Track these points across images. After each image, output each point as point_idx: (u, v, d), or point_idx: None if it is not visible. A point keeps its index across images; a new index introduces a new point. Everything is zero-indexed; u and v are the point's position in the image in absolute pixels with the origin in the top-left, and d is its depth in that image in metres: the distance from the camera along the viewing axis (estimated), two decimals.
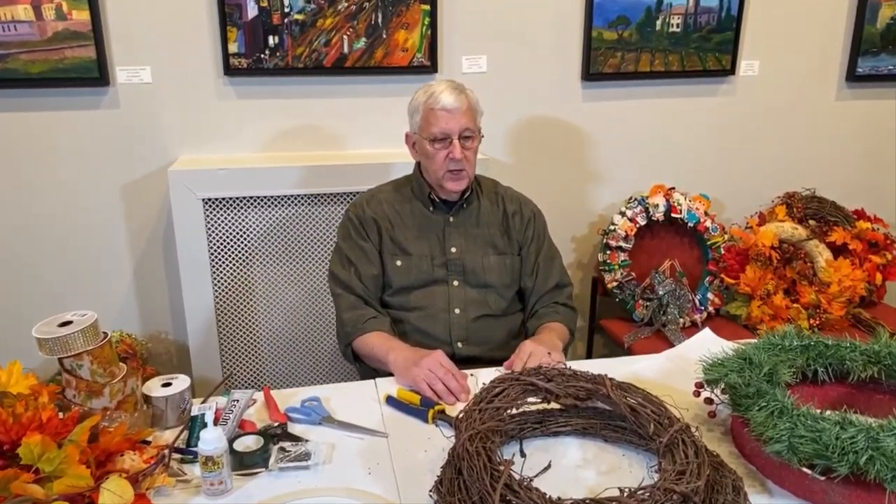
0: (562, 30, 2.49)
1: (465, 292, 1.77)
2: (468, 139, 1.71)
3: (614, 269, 2.55)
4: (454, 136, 1.68)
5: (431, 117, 1.70)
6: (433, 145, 1.70)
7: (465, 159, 1.70)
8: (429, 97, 1.70)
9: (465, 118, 1.69)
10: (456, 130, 1.69)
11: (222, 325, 2.35)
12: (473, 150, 1.73)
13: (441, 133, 1.69)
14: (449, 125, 1.68)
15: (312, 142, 2.43)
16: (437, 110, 1.69)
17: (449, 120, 1.68)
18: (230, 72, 2.30)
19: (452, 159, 1.68)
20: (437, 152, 1.70)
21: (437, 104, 1.69)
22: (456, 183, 1.72)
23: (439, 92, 1.70)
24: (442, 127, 1.69)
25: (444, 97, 1.69)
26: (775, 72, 2.69)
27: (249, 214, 2.29)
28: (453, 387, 1.44)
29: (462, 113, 1.69)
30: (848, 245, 2.66)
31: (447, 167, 1.70)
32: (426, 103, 1.71)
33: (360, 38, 2.34)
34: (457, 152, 1.68)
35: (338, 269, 1.78)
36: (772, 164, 2.80)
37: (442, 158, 1.70)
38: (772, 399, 1.17)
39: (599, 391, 1.25)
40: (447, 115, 1.68)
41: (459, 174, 1.71)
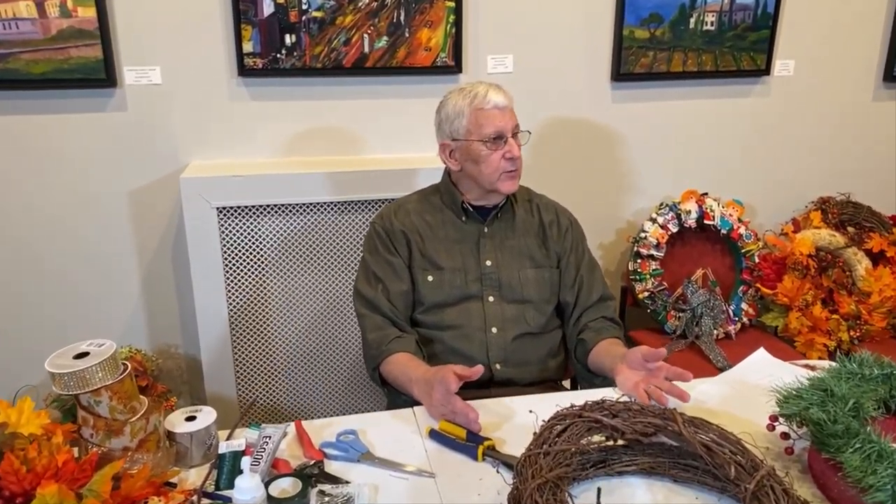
0: (591, 28, 2.38)
1: (501, 309, 1.66)
2: (517, 136, 1.63)
3: (645, 279, 2.44)
4: (508, 134, 1.60)
5: (482, 118, 1.60)
6: (487, 146, 1.60)
7: (519, 159, 1.62)
8: (473, 98, 1.61)
9: (513, 115, 1.63)
10: (509, 128, 1.61)
11: (237, 340, 2.23)
12: (522, 151, 1.65)
13: (496, 132, 1.60)
14: (503, 123, 1.60)
15: (331, 146, 2.31)
16: (489, 110, 1.60)
17: (502, 118, 1.60)
18: (244, 72, 2.17)
19: (511, 158, 1.60)
20: (492, 153, 1.60)
21: (486, 104, 1.60)
22: (511, 183, 1.63)
23: (483, 92, 1.61)
24: (497, 125, 1.59)
25: (493, 96, 1.60)
26: (811, 72, 2.58)
27: (266, 223, 2.17)
28: (472, 416, 1.31)
29: (510, 110, 1.63)
30: (885, 252, 2.55)
31: (503, 168, 1.61)
32: (473, 104, 1.61)
33: (381, 37, 2.22)
34: (515, 149, 1.60)
35: (364, 286, 1.66)
36: (806, 168, 2.70)
37: (498, 159, 1.60)
38: (866, 440, 1.06)
39: (669, 427, 1.14)
40: (500, 114, 1.60)
41: (515, 174, 1.63)
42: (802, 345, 2.37)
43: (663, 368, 1.39)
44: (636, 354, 1.42)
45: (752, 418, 1.32)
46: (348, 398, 2.38)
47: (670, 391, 1.34)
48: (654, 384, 1.36)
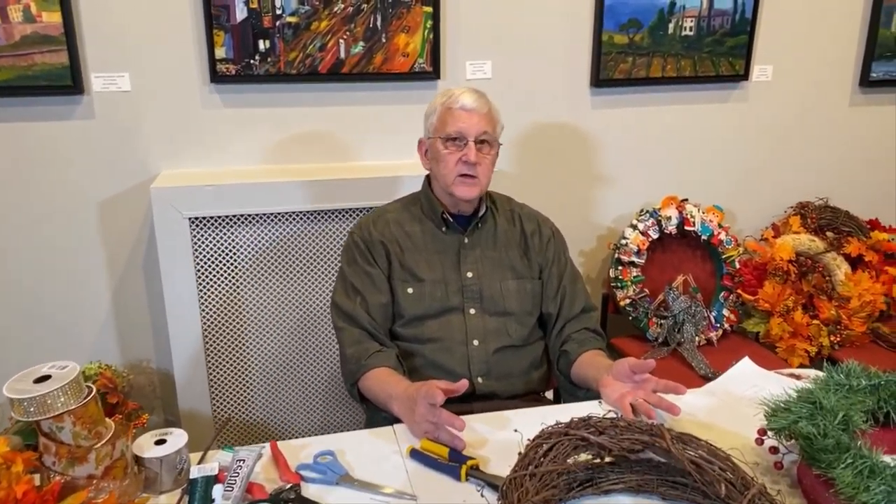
0: (570, 33, 2.35)
1: (483, 321, 1.62)
2: (485, 145, 1.58)
3: (627, 286, 2.41)
4: (470, 138, 1.56)
5: (448, 116, 1.58)
6: (446, 145, 1.57)
7: (479, 166, 1.56)
8: (447, 98, 1.59)
9: (483, 122, 1.57)
10: (473, 132, 1.56)
11: (211, 354, 2.17)
12: (490, 159, 1.60)
13: (456, 132, 1.56)
14: (466, 125, 1.56)
15: (308, 154, 2.26)
16: (455, 109, 1.57)
17: (466, 120, 1.56)
18: (217, 79, 2.12)
19: (465, 162, 1.55)
20: (449, 153, 1.57)
21: (455, 103, 1.57)
22: (466, 189, 1.58)
23: (458, 93, 1.59)
24: (458, 126, 1.56)
25: (465, 97, 1.58)
26: (788, 77, 2.58)
27: (240, 234, 2.11)
28: (444, 439, 1.26)
29: (481, 116, 1.57)
30: (864, 257, 2.56)
31: (458, 171, 1.57)
32: (444, 103, 1.59)
33: (357, 43, 2.17)
34: (470, 154, 1.55)
35: (342, 298, 1.62)
36: (784, 173, 2.70)
37: (454, 161, 1.57)
38: (858, 455, 1.03)
39: (657, 444, 1.11)
40: (465, 115, 1.56)
41: (472, 180, 1.57)
42: (784, 351, 2.37)
43: (651, 381, 1.36)
44: (623, 366, 1.39)
45: (739, 431, 1.30)
46: (326, 413, 2.33)
47: (658, 404, 1.31)
48: (642, 397, 1.33)
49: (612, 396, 1.39)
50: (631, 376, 1.38)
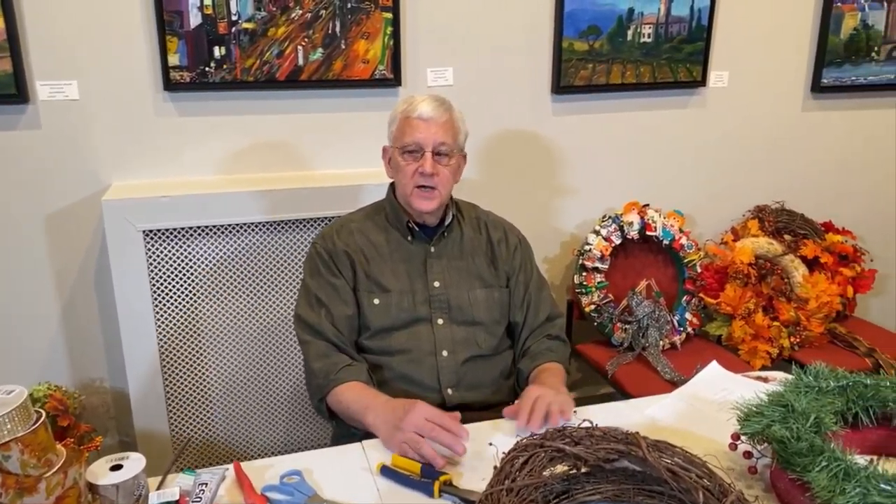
0: (531, 40, 2.35)
1: (451, 331, 1.59)
2: (444, 156, 1.54)
3: (591, 292, 2.41)
4: (427, 149, 1.52)
5: (406, 126, 1.54)
6: (404, 157, 1.54)
7: (437, 176, 1.53)
8: (407, 105, 1.55)
9: (441, 131, 1.53)
10: (430, 143, 1.52)
11: (168, 372, 2.09)
12: (450, 170, 1.56)
13: (413, 143, 1.53)
14: (422, 135, 1.52)
15: (266, 163, 2.21)
16: (413, 119, 1.53)
17: (423, 130, 1.52)
18: (171, 86, 2.05)
19: (422, 173, 1.51)
20: (406, 165, 1.54)
21: (413, 112, 1.53)
22: (424, 202, 1.54)
23: (419, 101, 1.55)
24: (415, 137, 1.52)
25: (423, 106, 1.53)
26: (744, 83, 2.62)
27: (197, 246, 2.04)
28: (446, 442, 1.25)
29: (439, 125, 1.53)
30: (819, 259, 2.61)
31: (415, 182, 1.53)
32: (403, 111, 1.55)
33: (316, 49, 2.13)
34: (427, 165, 1.51)
35: (305, 311, 1.57)
36: (742, 177, 2.74)
37: (411, 172, 1.53)
38: (832, 458, 1.03)
39: (633, 453, 1.10)
40: (422, 125, 1.52)
41: (429, 192, 1.54)
42: (746, 353, 2.39)
43: (536, 419, 1.34)
44: (514, 409, 1.39)
45: (713, 436, 1.30)
46: (291, 430, 2.27)
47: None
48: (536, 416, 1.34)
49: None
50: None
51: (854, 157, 2.84)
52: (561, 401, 1.35)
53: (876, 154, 2.86)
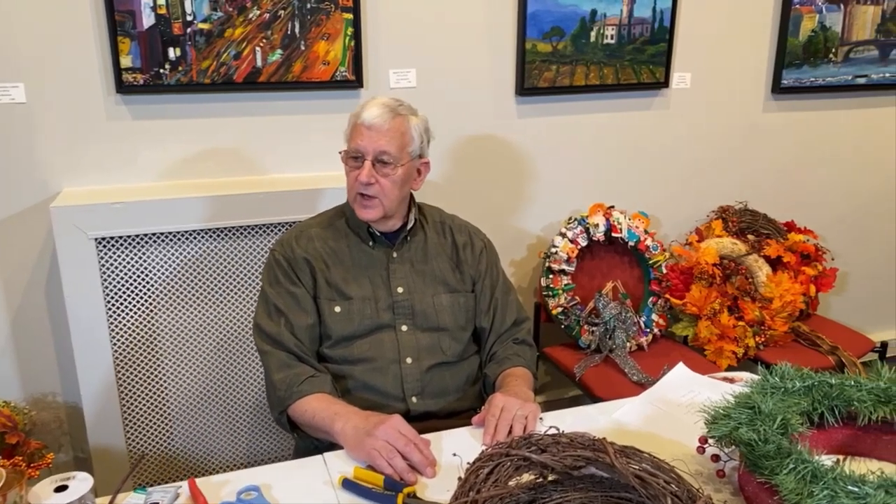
0: (494, 42, 2.33)
1: (415, 338, 1.56)
2: (386, 165, 1.48)
3: (558, 294, 2.40)
4: (367, 157, 1.48)
5: (353, 132, 1.51)
6: (348, 163, 1.51)
7: (377, 185, 1.48)
8: (360, 109, 1.51)
9: (383, 140, 1.47)
10: (370, 151, 1.48)
11: (124, 385, 2.02)
12: (393, 179, 1.49)
13: (354, 150, 1.50)
14: (362, 143, 1.48)
15: (225, 167, 2.15)
16: (358, 125, 1.50)
17: (365, 137, 1.48)
18: (123, 89, 1.98)
19: (360, 182, 1.48)
20: (350, 171, 1.51)
21: (359, 118, 1.50)
22: (364, 210, 1.51)
23: (369, 106, 1.50)
24: (357, 144, 1.49)
25: (368, 111, 1.49)
26: (706, 84, 2.64)
27: (153, 254, 1.98)
28: (416, 460, 1.22)
29: (382, 133, 1.47)
30: (782, 258, 2.63)
31: (356, 189, 1.50)
32: (355, 115, 1.52)
33: (275, 50, 2.08)
34: (362, 174, 1.47)
35: (265, 321, 1.52)
36: (705, 178, 2.75)
37: (353, 179, 1.50)
38: (799, 460, 1.02)
39: (601, 459, 1.07)
40: (365, 132, 1.48)
41: (369, 201, 1.50)
42: (712, 353, 2.40)
43: (502, 425, 1.32)
44: (481, 417, 1.37)
45: (680, 440, 1.28)
46: (253, 443, 2.21)
47: None
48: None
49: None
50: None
51: (813, 156, 2.88)
52: (526, 411, 1.33)
53: (834, 153, 2.90)
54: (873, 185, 3.01)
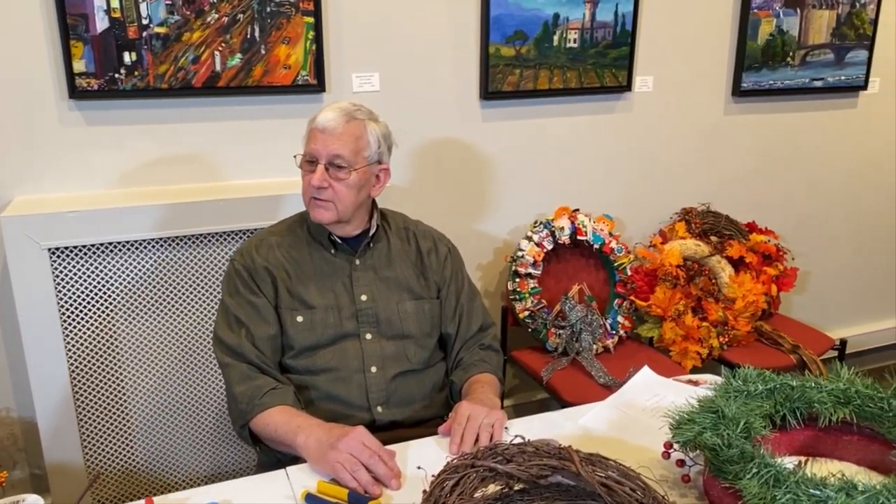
0: (458, 46, 2.32)
1: (380, 346, 1.54)
2: (339, 169, 1.46)
3: (525, 298, 2.40)
4: (321, 161, 1.46)
5: (309, 136, 1.49)
6: (303, 167, 1.50)
7: (331, 190, 1.46)
8: (317, 113, 1.49)
9: (337, 143, 1.45)
10: (323, 154, 1.46)
11: (81, 399, 1.96)
12: (348, 183, 1.47)
13: (308, 154, 1.48)
14: (316, 147, 1.46)
15: (183, 174, 2.10)
16: (313, 129, 1.48)
17: (319, 141, 1.46)
18: (77, 94, 1.93)
19: (312, 186, 1.46)
20: (304, 174, 1.49)
21: (314, 122, 1.48)
22: (319, 212, 1.49)
23: (325, 109, 1.49)
24: (311, 147, 1.47)
25: (324, 115, 1.47)
26: (668, 88, 2.66)
27: (110, 263, 1.92)
28: (381, 473, 1.20)
29: (336, 137, 1.45)
30: (744, 259, 2.67)
31: (310, 193, 1.48)
32: (312, 119, 1.50)
33: (234, 55, 2.04)
34: (315, 178, 1.45)
35: (225, 332, 1.48)
36: (668, 180, 2.78)
37: (307, 183, 1.48)
38: (762, 464, 1.02)
39: (566, 468, 1.07)
40: (319, 136, 1.46)
41: (323, 204, 1.48)
42: (677, 354, 2.42)
43: (468, 436, 1.31)
44: (447, 426, 1.36)
45: (645, 445, 1.28)
46: (216, 457, 2.16)
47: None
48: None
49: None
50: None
51: (773, 158, 2.93)
52: (492, 419, 1.32)
53: (793, 155, 2.96)
54: (831, 185, 3.07)
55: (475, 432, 1.29)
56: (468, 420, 1.32)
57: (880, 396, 1.20)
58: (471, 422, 1.31)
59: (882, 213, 3.22)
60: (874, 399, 1.21)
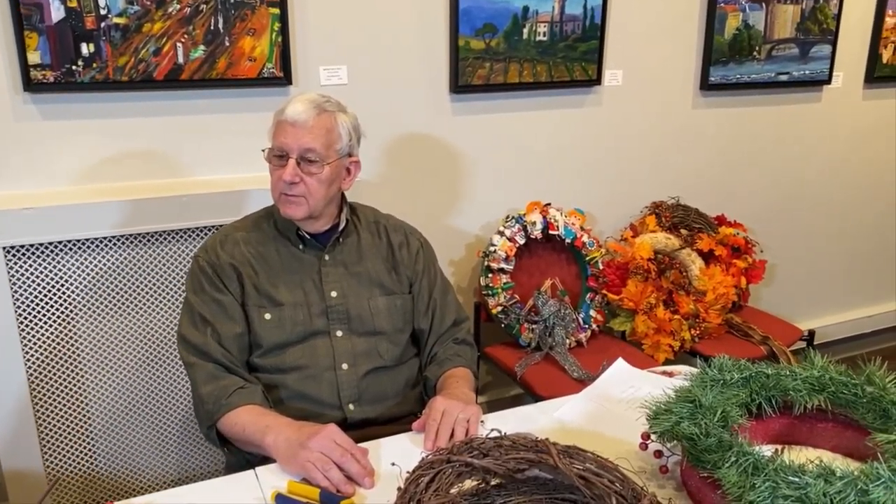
0: (427, 38, 2.29)
1: (351, 343, 1.50)
2: (311, 163, 1.42)
3: (498, 293, 2.38)
4: (292, 155, 1.41)
5: (276, 129, 1.44)
6: (272, 161, 1.45)
7: (302, 185, 1.42)
8: (284, 105, 1.44)
9: (308, 137, 1.41)
10: (294, 148, 1.41)
11: (40, 403, 1.89)
12: (320, 178, 1.43)
13: (278, 148, 1.43)
14: (286, 141, 1.42)
15: (145, 170, 2.04)
16: (283, 121, 1.43)
17: (289, 134, 1.41)
18: (32, 87, 1.86)
19: (283, 181, 1.42)
20: (274, 170, 1.45)
21: (283, 114, 1.43)
22: (290, 207, 1.45)
23: (293, 102, 1.44)
24: (281, 141, 1.43)
25: (293, 107, 1.42)
26: (637, 81, 2.66)
27: (69, 262, 1.86)
28: (354, 471, 1.17)
29: (307, 130, 1.41)
30: (714, 251, 2.68)
31: (280, 188, 1.44)
32: (279, 112, 1.45)
33: (197, 46, 1.99)
34: (286, 173, 1.40)
35: (190, 331, 1.43)
36: (638, 174, 2.79)
37: (277, 178, 1.44)
38: (741, 453, 1.02)
39: (544, 461, 1.05)
40: (289, 129, 1.42)
41: (293, 199, 1.44)
42: (649, 347, 2.42)
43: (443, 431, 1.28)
44: (421, 423, 1.33)
45: (622, 437, 1.27)
46: (184, 459, 2.10)
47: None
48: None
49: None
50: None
51: (741, 151, 2.95)
52: (468, 414, 1.29)
53: (760, 149, 2.99)
54: (796, 178, 3.11)
55: (450, 427, 1.27)
56: (443, 415, 1.29)
57: (854, 383, 1.21)
58: (446, 417, 1.29)
59: (847, 205, 3.27)
60: (848, 386, 1.21)
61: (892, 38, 3.08)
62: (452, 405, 1.31)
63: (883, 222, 3.38)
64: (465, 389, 1.44)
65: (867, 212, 3.32)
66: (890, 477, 0.93)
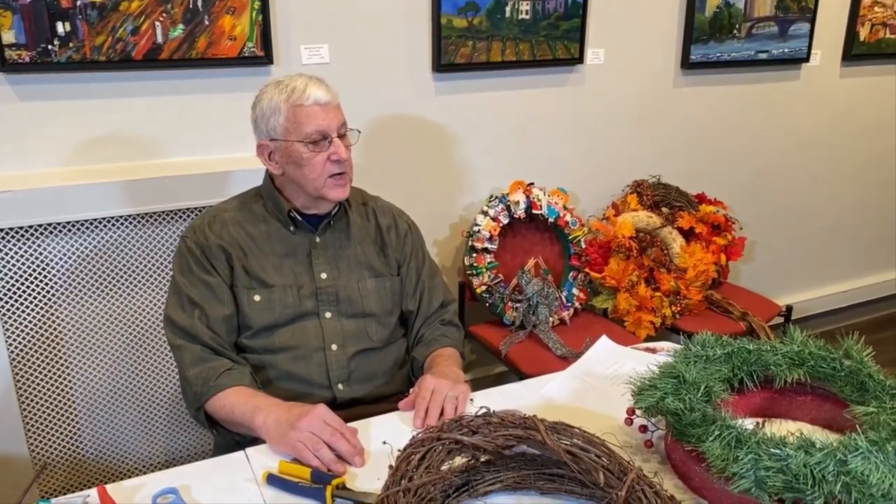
0: (409, 16, 2.27)
1: (340, 325, 1.51)
2: (343, 137, 1.46)
3: (482, 273, 2.39)
4: (332, 134, 1.42)
5: (302, 115, 1.41)
6: (309, 148, 1.42)
7: (348, 162, 1.45)
8: (291, 93, 1.42)
9: (340, 113, 1.46)
10: (334, 127, 1.43)
11: (24, 389, 1.88)
12: (350, 152, 1.48)
13: (318, 131, 1.42)
14: (324, 122, 1.42)
15: (125, 151, 2.01)
16: (309, 106, 1.41)
17: (325, 116, 1.42)
18: (7, 67, 1.82)
19: (336, 161, 1.42)
20: (315, 155, 1.42)
21: (306, 99, 1.41)
22: (340, 190, 1.46)
23: (302, 87, 1.42)
24: (319, 124, 1.41)
25: (313, 90, 1.42)
26: (619, 60, 2.67)
27: (50, 246, 1.84)
28: (344, 450, 1.18)
29: (334, 107, 1.45)
30: (694, 229, 2.71)
31: (328, 172, 1.43)
32: (290, 100, 1.41)
33: (176, 25, 1.95)
34: (341, 151, 1.42)
35: (177, 313, 1.43)
36: (620, 153, 2.80)
37: (322, 162, 1.42)
38: (724, 426, 1.04)
39: (532, 437, 1.06)
40: (321, 111, 1.42)
41: (343, 179, 1.45)
42: (631, 324, 2.46)
43: (432, 409, 1.30)
44: (409, 401, 1.35)
45: (608, 413, 1.29)
46: (172, 441, 2.10)
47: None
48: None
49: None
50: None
51: (721, 130, 2.98)
52: (457, 392, 1.31)
53: (740, 127, 3.01)
54: (775, 156, 3.15)
55: (440, 405, 1.28)
56: (433, 393, 1.30)
57: (832, 357, 1.23)
58: (435, 395, 1.30)
59: (824, 182, 3.32)
60: (826, 360, 1.24)
61: (870, 17, 3.11)
62: (442, 383, 1.33)
63: (859, 199, 3.44)
64: (453, 368, 1.45)
65: (844, 189, 3.38)
66: (867, 448, 0.95)
